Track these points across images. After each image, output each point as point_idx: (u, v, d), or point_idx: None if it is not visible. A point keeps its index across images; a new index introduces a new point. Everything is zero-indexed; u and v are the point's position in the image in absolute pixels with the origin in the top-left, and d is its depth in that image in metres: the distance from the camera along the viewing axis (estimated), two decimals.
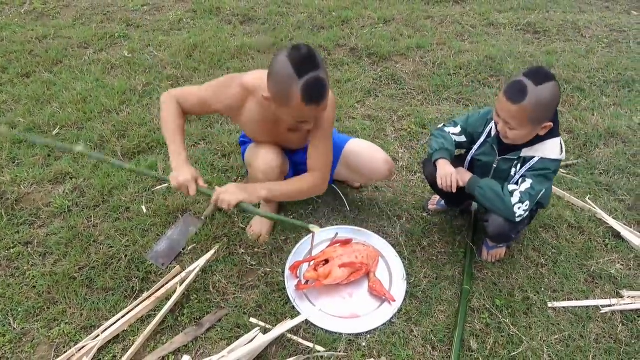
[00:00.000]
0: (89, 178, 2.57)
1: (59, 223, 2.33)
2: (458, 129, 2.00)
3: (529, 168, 1.80)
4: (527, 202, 1.77)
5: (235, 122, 2.04)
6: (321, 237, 2.22)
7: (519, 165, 1.84)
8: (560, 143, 1.78)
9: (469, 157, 1.99)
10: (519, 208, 1.76)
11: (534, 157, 1.78)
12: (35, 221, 2.35)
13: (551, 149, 1.76)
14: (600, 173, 2.65)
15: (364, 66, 3.62)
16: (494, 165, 1.91)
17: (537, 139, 1.76)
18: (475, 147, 1.97)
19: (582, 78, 3.48)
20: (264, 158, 2.01)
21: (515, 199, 1.76)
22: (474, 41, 3.99)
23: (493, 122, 1.86)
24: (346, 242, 2.09)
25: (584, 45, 3.97)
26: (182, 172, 1.83)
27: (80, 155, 2.73)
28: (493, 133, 1.87)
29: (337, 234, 2.21)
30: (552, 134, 1.76)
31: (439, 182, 1.92)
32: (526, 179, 1.77)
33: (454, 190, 1.90)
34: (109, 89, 3.27)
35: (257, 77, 1.86)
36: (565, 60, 3.68)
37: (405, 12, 4.44)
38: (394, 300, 1.95)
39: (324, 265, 2.00)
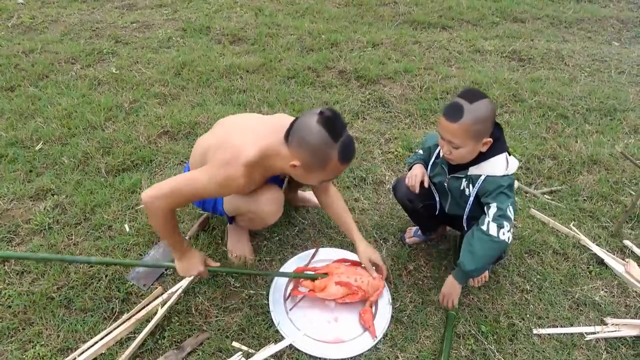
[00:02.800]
0: (71, 195, 2.52)
1: (38, 241, 2.27)
2: (421, 151, 2.13)
3: (484, 192, 1.83)
4: (505, 223, 1.78)
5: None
6: (325, 255, 2.22)
7: (470, 185, 1.88)
8: (507, 159, 1.83)
9: (427, 179, 2.05)
10: (503, 234, 1.77)
11: (480, 175, 1.84)
12: (13, 238, 2.29)
13: (496, 165, 1.82)
14: (584, 200, 2.69)
15: (352, 88, 3.65)
16: (446, 184, 1.97)
17: (482, 157, 1.82)
18: (429, 169, 2.04)
19: (565, 105, 3.55)
20: (269, 199, 1.93)
21: (493, 229, 1.77)
22: (460, 67, 4.06)
23: None
24: (354, 264, 2.07)
25: (567, 73, 4.06)
26: (191, 264, 1.88)
27: (63, 171, 2.69)
28: (442, 154, 1.93)
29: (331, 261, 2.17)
30: (497, 150, 1.81)
31: (407, 181, 2.03)
32: (490, 205, 1.80)
33: (416, 190, 1.99)
34: (95, 105, 3.24)
35: (256, 147, 1.74)
36: (549, 88, 3.75)
37: (393, 36, 4.51)
38: (375, 337, 1.90)
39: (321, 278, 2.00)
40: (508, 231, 1.78)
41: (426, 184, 2.01)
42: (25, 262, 2.15)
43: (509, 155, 1.86)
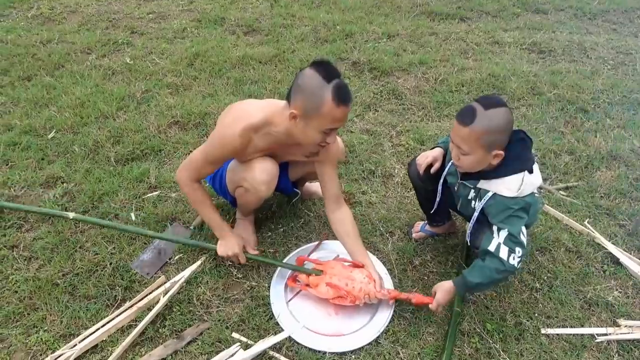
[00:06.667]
0: (80, 183, 2.55)
1: (46, 228, 2.29)
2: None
3: (491, 212, 1.74)
4: (517, 248, 1.68)
5: (237, 159, 2.02)
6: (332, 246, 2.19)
7: (477, 199, 1.79)
8: (523, 179, 1.69)
9: (444, 173, 1.95)
10: (513, 259, 1.68)
11: (488, 191, 1.74)
12: (22, 224, 2.33)
13: (507, 185, 1.70)
14: (601, 196, 2.59)
15: (365, 80, 3.59)
16: (455, 188, 1.90)
17: (497, 172, 1.71)
18: (447, 165, 1.94)
19: (586, 99, 3.42)
20: (262, 168, 1.94)
21: (504, 253, 1.68)
22: (477, 59, 3.95)
23: None
24: (355, 265, 1.99)
25: (589, 66, 3.92)
26: (229, 245, 2.03)
27: (73, 160, 2.71)
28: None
29: (337, 255, 2.14)
30: (515, 168, 1.70)
31: (418, 158, 2.01)
32: (501, 229, 1.70)
33: (421, 171, 1.97)
34: (108, 95, 3.27)
35: (259, 111, 1.84)
36: (570, 81, 3.63)
37: (410, 27, 4.42)
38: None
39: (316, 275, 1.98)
40: (519, 257, 1.69)
41: (433, 170, 1.96)
42: (33, 249, 2.18)
43: (531, 173, 1.72)
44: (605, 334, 1.90)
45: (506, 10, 4.93)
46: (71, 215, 2.28)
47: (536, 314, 1.98)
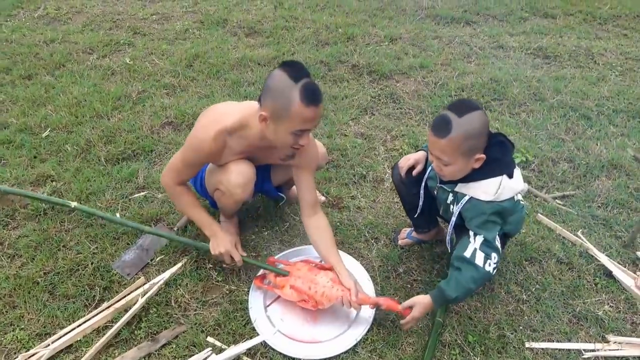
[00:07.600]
0: (69, 182, 2.55)
1: (32, 226, 2.30)
2: None
3: (466, 217, 1.71)
4: (493, 254, 1.66)
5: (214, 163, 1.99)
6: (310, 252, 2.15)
7: (455, 203, 1.75)
8: (501, 183, 1.65)
9: (425, 176, 1.91)
10: (489, 265, 1.65)
11: (465, 195, 1.70)
12: (9, 222, 2.33)
13: (484, 188, 1.66)
14: (598, 206, 2.50)
15: (363, 83, 3.55)
16: (435, 192, 1.87)
17: (474, 176, 1.67)
18: (428, 169, 1.90)
19: (589, 106, 3.33)
20: (238, 171, 1.91)
21: (479, 259, 1.65)
22: (480, 63, 3.88)
23: None
24: (322, 268, 1.96)
25: (596, 72, 3.82)
26: (220, 242, 1.98)
27: (65, 158, 2.72)
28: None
29: (321, 260, 2.10)
30: (492, 172, 1.66)
31: (400, 160, 1.99)
32: (477, 235, 1.67)
33: (403, 173, 1.95)
34: (104, 94, 3.28)
35: (235, 114, 1.82)
36: (574, 87, 3.54)
37: (413, 31, 4.37)
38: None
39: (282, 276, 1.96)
40: (495, 263, 1.66)
41: (414, 172, 1.93)
42: (17, 246, 2.19)
43: (511, 178, 1.67)
44: (593, 350, 1.83)
45: (513, 14, 4.84)
46: (73, 204, 2.28)
47: (521, 327, 1.91)
